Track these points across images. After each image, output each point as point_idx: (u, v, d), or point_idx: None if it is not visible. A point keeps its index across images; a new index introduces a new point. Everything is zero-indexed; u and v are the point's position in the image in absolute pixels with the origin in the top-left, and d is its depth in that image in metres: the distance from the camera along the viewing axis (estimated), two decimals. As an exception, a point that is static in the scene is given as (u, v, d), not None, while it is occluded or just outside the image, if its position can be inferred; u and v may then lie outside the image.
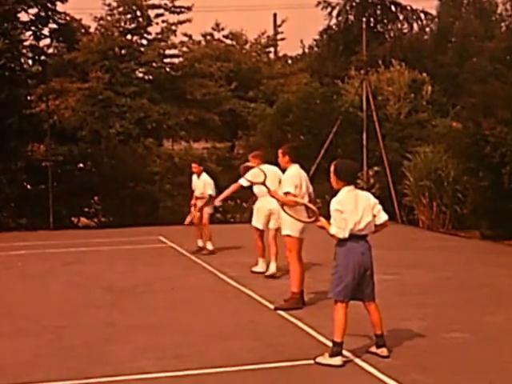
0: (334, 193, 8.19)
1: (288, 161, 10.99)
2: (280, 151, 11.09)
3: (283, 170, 11.20)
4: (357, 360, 7.92)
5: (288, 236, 10.57)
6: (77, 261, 15.68)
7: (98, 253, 16.89)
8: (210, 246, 16.14)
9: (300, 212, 9.80)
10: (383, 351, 8.03)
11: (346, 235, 7.94)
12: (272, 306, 10.60)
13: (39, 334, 9.48)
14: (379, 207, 8.22)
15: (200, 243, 16.35)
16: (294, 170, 10.90)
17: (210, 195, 16.05)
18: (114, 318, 10.20)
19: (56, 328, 9.73)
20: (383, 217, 8.22)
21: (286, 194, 10.48)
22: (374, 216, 8.12)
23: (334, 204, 8.01)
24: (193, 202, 16.46)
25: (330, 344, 8.41)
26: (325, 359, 7.80)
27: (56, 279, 13.59)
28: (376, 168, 23.42)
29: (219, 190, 15.53)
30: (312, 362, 7.88)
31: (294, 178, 10.71)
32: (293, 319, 9.81)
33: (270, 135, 25.13)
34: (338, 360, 7.76)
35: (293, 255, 10.66)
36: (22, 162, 23.17)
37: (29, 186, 24.30)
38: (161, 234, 19.58)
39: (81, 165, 25.24)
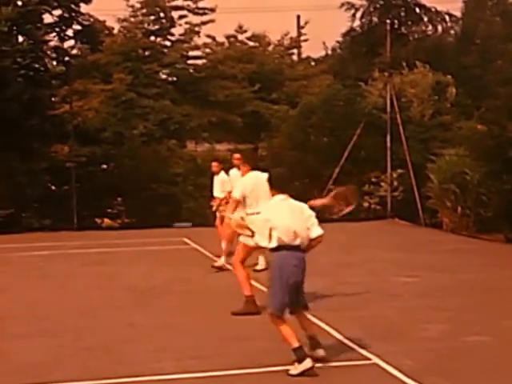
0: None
1: (248, 169, 10.98)
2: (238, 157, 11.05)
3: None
4: (380, 362, 7.87)
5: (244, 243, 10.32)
6: (99, 261, 15.71)
7: (121, 254, 16.92)
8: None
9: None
10: (319, 352, 7.87)
11: (270, 246, 7.68)
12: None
13: (60, 334, 9.50)
14: (314, 220, 7.98)
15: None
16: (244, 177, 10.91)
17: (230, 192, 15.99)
18: (135, 318, 10.20)
19: (77, 328, 9.75)
20: (317, 231, 7.95)
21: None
22: (308, 228, 7.88)
23: (263, 212, 7.94)
24: (213, 203, 16.05)
25: (353, 346, 8.40)
26: (297, 368, 7.56)
27: (78, 280, 13.62)
28: (400, 170, 23.33)
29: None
30: (335, 364, 7.84)
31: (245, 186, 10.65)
32: (316, 321, 9.74)
33: (293, 137, 25.10)
34: (307, 362, 7.53)
35: (238, 260, 10.52)
36: (46, 163, 23.26)
37: (52, 187, 24.39)
38: (185, 235, 19.56)
39: (104, 166, 25.32)
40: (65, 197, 23.02)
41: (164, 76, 29.94)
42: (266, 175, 10.65)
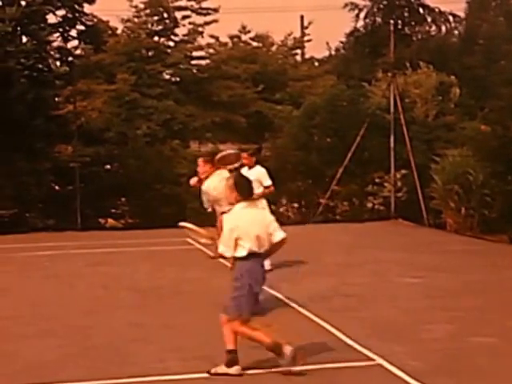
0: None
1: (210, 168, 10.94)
2: (201, 159, 10.99)
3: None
4: (384, 363, 7.87)
5: None
6: (103, 262, 15.71)
7: (125, 254, 16.92)
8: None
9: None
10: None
11: (238, 255, 7.61)
12: (300, 309, 10.58)
13: (65, 334, 9.52)
14: (275, 225, 7.90)
15: None
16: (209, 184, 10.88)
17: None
18: (139, 318, 10.21)
19: (82, 328, 9.77)
20: (280, 235, 7.86)
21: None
22: (271, 234, 7.79)
23: (227, 222, 7.72)
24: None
25: (357, 347, 8.41)
26: (221, 370, 7.58)
27: (83, 280, 13.63)
28: (403, 171, 23.31)
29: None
30: (338, 365, 7.85)
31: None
32: (321, 322, 9.78)
33: (297, 137, 25.10)
34: (236, 370, 7.56)
35: None
36: (50, 163, 23.25)
37: (56, 187, 24.41)
38: (188, 235, 19.52)
39: (107, 166, 25.32)
40: (68, 197, 23.02)
41: (167, 76, 29.96)
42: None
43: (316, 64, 39.56)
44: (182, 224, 8.94)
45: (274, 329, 7.89)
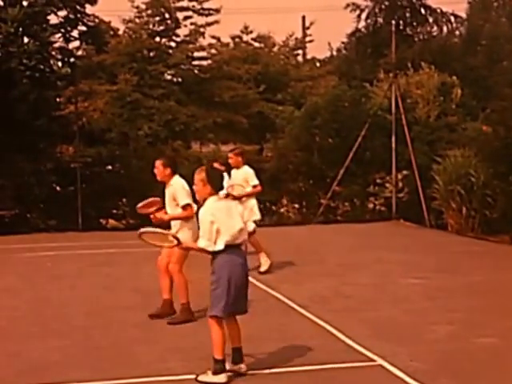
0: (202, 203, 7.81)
1: (170, 173, 10.74)
2: (160, 163, 10.91)
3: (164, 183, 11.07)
4: (385, 364, 7.89)
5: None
6: (105, 262, 15.73)
7: (127, 255, 16.92)
8: None
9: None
10: (241, 367, 7.71)
11: (217, 248, 7.51)
12: (301, 310, 10.59)
13: (69, 334, 9.54)
14: (245, 216, 7.99)
15: None
16: (181, 180, 10.64)
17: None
18: (142, 319, 10.22)
19: (85, 329, 9.80)
20: (251, 225, 7.99)
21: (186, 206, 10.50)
22: (245, 223, 7.80)
23: (206, 215, 7.54)
24: None
25: (358, 348, 8.42)
26: (208, 377, 7.49)
27: (85, 280, 13.65)
28: (405, 172, 23.32)
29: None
30: (339, 365, 7.86)
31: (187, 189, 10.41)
32: (321, 322, 9.79)
33: (298, 138, 25.11)
34: (222, 377, 7.45)
35: (178, 267, 10.47)
36: (51, 164, 23.27)
37: (58, 188, 24.41)
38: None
39: (109, 166, 25.30)
40: (70, 197, 23.01)
41: (169, 77, 29.92)
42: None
43: (318, 64, 39.56)
44: (142, 230, 8.74)
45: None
